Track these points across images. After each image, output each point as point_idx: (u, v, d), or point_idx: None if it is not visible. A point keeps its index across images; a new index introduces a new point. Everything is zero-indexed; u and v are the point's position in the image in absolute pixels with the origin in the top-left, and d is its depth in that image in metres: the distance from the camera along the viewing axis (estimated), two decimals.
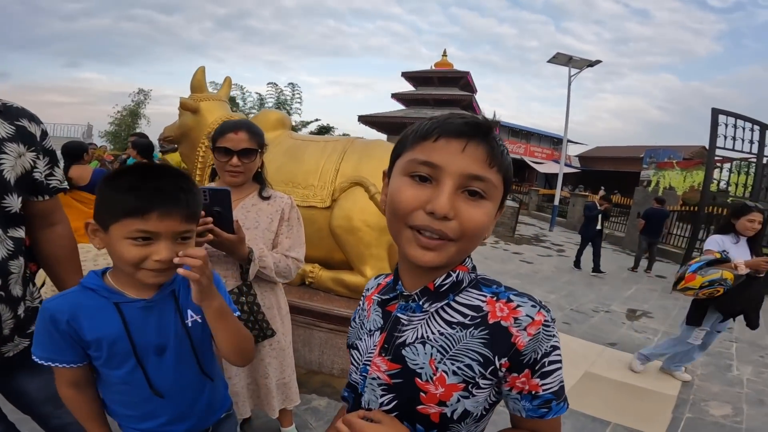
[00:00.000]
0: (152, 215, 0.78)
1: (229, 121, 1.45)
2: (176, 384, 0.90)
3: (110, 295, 0.85)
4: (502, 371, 0.59)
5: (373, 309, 0.71)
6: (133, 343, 0.85)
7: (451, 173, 0.56)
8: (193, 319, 0.92)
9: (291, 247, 1.49)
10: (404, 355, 0.63)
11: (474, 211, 0.57)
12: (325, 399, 2.29)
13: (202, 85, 2.99)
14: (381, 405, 0.65)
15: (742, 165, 6.64)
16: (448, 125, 0.58)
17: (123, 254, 0.80)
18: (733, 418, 2.53)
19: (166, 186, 0.81)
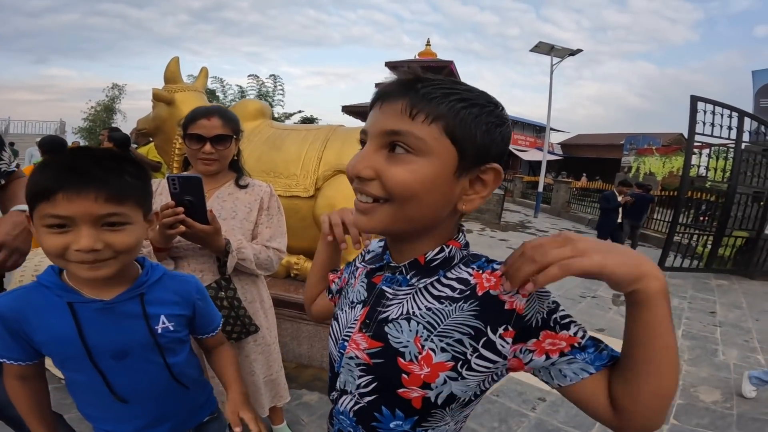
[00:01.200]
0: (58, 196, 0.67)
1: (200, 107, 1.35)
2: (142, 390, 0.83)
3: (64, 294, 0.77)
4: (505, 344, 0.53)
5: (360, 279, 0.67)
6: (87, 346, 0.76)
7: (371, 134, 0.55)
8: (164, 326, 0.83)
9: (272, 237, 1.40)
10: (387, 332, 0.58)
11: (394, 168, 0.52)
12: (317, 393, 2.23)
13: (176, 75, 2.87)
14: (358, 387, 0.60)
15: (720, 151, 6.77)
16: (376, 92, 0.57)
17: (43, 245, 0.71)
18: (724, 404, 2.56)
19: (79, 163, 0.70)
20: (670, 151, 9.10)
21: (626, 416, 0.50)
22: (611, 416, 0.52)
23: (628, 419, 0.50)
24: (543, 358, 0.52)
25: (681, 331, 3.86)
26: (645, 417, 0.50)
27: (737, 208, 6.47)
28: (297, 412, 2.05)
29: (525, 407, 2.35)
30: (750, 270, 6.56)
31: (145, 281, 0.82)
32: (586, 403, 0.53)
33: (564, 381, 0.53)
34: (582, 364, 0.52)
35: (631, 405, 0.50)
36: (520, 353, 0.53)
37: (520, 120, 30.29)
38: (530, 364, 0.54)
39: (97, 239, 0.70)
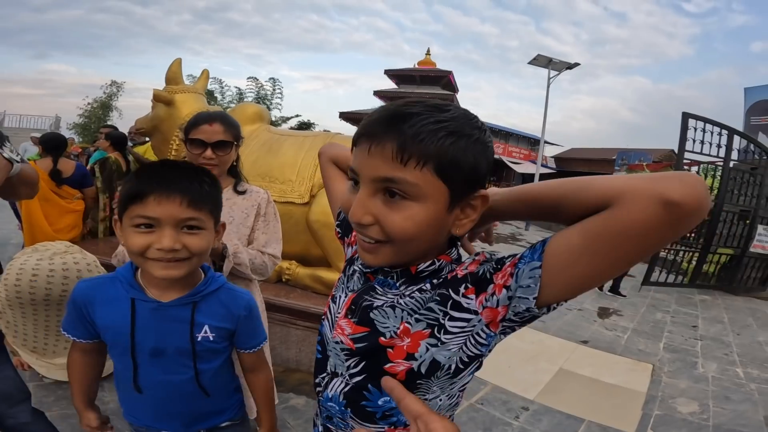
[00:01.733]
0: (149, 199, 0.77)
1: (203, 113, 1.40)
2: (162, 387, 0.90)
3: (130, 290, 0.86)
4: (469, 300, 0.55)
5: (357, 276, 0.69)
6: (133, 340, 0.85)
7: (363, 178, 0.55)
8: (205, 335, 0.90)
9: (267, 243, 1.44)
10: (373, 318, 0.61)
11: (392, 215, 0.53)
12: (303, 397, 2.26)
13: (178, 77, 2.91)
14: (348, 368, 0.64)
15: (709, 168, 6.90)
16: (363, 125, 0.55)
17: (129, 243, 0.80)
18: (700, 415, 2.62)
19: (167, 173, 0.81)
20: (660, 167, 9.26)
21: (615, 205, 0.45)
22: (606, 214, 0.45)
23: (619, 201, 0.44)
24: (503, 292, 0.52)
25: (662, 344, 3.95)
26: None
27: (723, 225, 6.60)
28: (283, 415, 2.08)
29: (509, 416, 2.40)
30: (733, 286, 6.68)
31: (201, 290, 0.90)
32: (578, 256, 0.47)
33: (533, 290, 0.50)
34: (527, 267, 0.50)
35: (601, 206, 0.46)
36: (487, 302, 0.54)
37: (515, 132, 30.58)
38: (500, 304, 0.53)
39: (177, 240, 0.79)
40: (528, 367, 3.06)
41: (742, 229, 6.72)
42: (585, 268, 0.47)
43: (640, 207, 0.42)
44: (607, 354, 3.53)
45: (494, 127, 29.08)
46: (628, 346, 3.77)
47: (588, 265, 0.47)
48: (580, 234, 0.47)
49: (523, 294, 0.50)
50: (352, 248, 0.75)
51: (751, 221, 6.60)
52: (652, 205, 0.42)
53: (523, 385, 2.77)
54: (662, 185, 0.42)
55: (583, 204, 0.47)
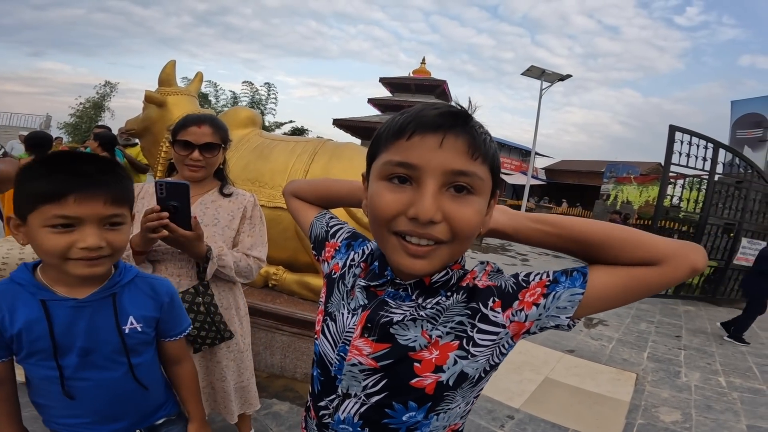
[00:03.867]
0: (69, 199, 0.73)
1: (192, 114, 1.41)
2: (97, 388, 0.85)
3: (37, 292, 0.80)
4: (497, 313, 0.58)
5: (358, 291, 0.65)
6: (54, 342, 0.79)
7: (432, 172, 0.52)
8: (132, 327, 0.87)
9: (253, 246, 1.44)
10: (393, 333, 0.60)
11: (464, 209, 0.53)
12: (287, 403, 2.24)
13: (171, 78, 2.90)
14: (365, 388, 0.62)
15: (694, 181, 7.03)
16: (422, 118, 0.53)
17: (44, 245, 0.75)
18: (683, 424, 2.65)
19: (83, 168, 0.76)
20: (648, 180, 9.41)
21: (662, 264, 0.54)
22: (655, 270, 0.54)
23: (663, 264, 0.54)
24: (533, 309, 0.57)
25: (646, 354, 3.99)
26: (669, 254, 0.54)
27: (708, 238, 6.72)
28: (266, 421, 2.06)
29: (494, 425, 2.40)
30: (717, 297, 6.79)
31: (117, 281, 0.86)
32: (622, 293, 0.56)
33: (569, 311, 0.56)
34: (566, 292, 0.56)
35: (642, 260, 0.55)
36: (514, 316, 0.58)
37: (507, 143, 30.86)
38: (529, 319, 0.57)
39: (101, 237, 0.76)
40: (514, 377, 3.07)
41: (726, 242, 6.84)
42: (618, 302, 0.57)
43: (680, 270, 0.54)
44: (592, 363, 3.56)
45: None
46: (612, 356, 3.81)
47: (621, 300, 0.57)
48: (629, 279, 0.55)
49: (558, 313, 0.57)
50: (328, 264, 0.76)
51: (735, 234, 6.72)
52: (687, 270, 0.54)
53: (508, 394, 2.78)
54: (693, 257, 0.54)
55: (631, 256, 0.55)
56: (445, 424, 0.63)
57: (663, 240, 0.55)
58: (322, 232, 0.79)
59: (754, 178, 6.88)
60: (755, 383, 3.52)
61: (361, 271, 0.68)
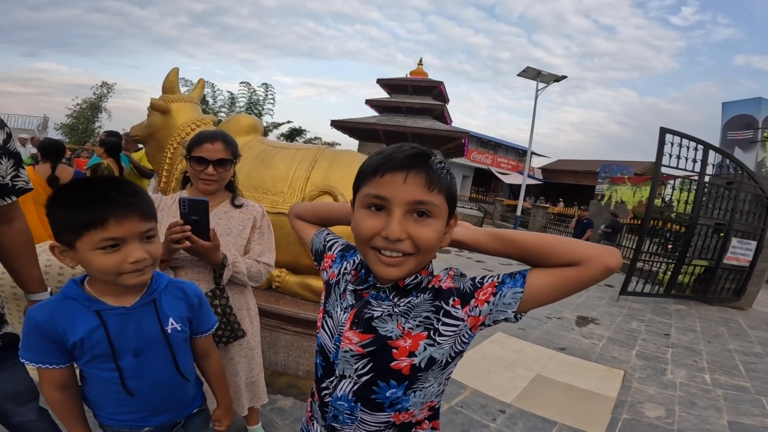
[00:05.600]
0: (110, 222, 0.83)
1: (205, 131, 1.52)
2: (150, 384, 0.97)
3: (90, 304, 0.91)
4: (457, 309, 0.73)
5: (348, 293, 0.82)
6: (112, 346, 0.91)
7: (398, 202, 0.68)
8: (173, 327, 0.99)
9: (262, 253, 1.57)
10: (375, 326, 0.76)
11: (423, 230, 0.70)
12: (291, 399, 2.36)
13: (175, 86, 2.99)
14: (356, 370, 0.78)
15: (685, 182, 7.15)
16: (391, 161, 0.69)
17: (98, 265, 0.86)
18: (666, 420, 2.75)
19: (110, 193, 0.86)
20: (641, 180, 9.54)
21: (580, 264, 0.68)
22: (577, 270, 0.68)
23: (582, 265, 0.68)
24: (485, 305, 0.71)
25: (635, 352, 4.12)
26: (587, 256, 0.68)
27: (698, 238, 6.85)
28: (271, 416, 2.17)
29: (486, 419, 2.52)
30: (708, 296, 6.94)
31: (156, 288, 0.99)
32: (553, 291, 0.70)
33: (513, 307, 0.70)
34: (509, 291, 0.70)
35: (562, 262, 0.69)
36: (471, 311, 0.72)
37: (504, 143, 30.98)
38: (482, 313, 0.72)
39: (144, 251, 0.89)
40: (506, 373, 3.19)
41: (716, 241, 6.98)
42: (552, 297, 0.71)
43: (597, 270, 0.67)
44: (582, 361, 3.68)
45: (484, 138, 29.46)
46: (602, 354, 3.93)
47: (554, 296, 0.71)
48: (557, 278, 0.69)
49: (504, 309, 0.71)
50: (327, 272, 0.91)
51: (726, 234, 6.86)
52: (602, 269, 0.67)
53: (500, 390, 2.90)
54: (608, 258, 0.67)
55: (559, 259, 0.69)
56: (423, 401, 0.78)
57: (584, 245, 0.69)
58: (320, 246, 0.96)
59: (744, 179, 7.01)
60: (740, 381, 3.60)
61: (352, 277, 0.84)
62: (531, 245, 0.72)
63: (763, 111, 9.30)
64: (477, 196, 25.35)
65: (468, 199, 23.79)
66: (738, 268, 6.95)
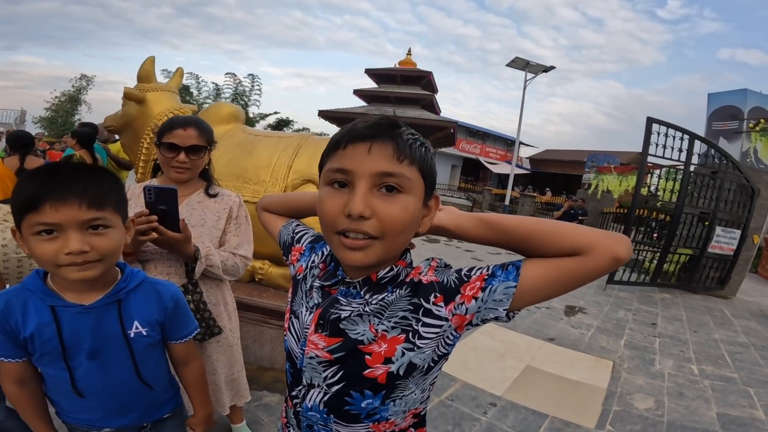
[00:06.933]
0: (45, 206, 0.75)
1: (177, 116, 1.42)
2: (104, 386, 0.90)
3: (46, 298, 0.84)
4: (439, 307, 0.64)
5: (315, 290, 0.73)
6: (63, 345, 0.84)
7: (362, 174, 0.60)
8: (137, 331, 0.91)
9: (239, 245, 1.48)
10: (343, 328, 0.66)
11: (390, 206, 0.60)
12: (277, 395, 2.28)
13: (150, 74, 2.86)
14: (325, 379, 0.68)
15: (670, 171, 7.21)
16: (354, 131, 0.62)
17: (35, 252, 0.78)
18: (655, 411, 2.75)
19: (59, 175, 0.78)
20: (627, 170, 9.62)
21: (583, 254, 0.58)
22: (579, 261, 0.59)
23: (586, 254, 0.58)
24: (473, 302, 0.62)
25: (623, 341, 4.13)
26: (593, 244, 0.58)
27: (683, 227, 6.93)
28: (257, 412, 2.10)
29: (477, 411, 2.49)
30: (692, 285, 7.04)
31: (123, 287, 0.90)
32: (552, 284, 0.60)
33: (505, 304, 0.61)
34: (501, 285, 0.60)
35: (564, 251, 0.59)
36: (456, 309, 0.63)
37: (493, 133, 31.08)
38: (469, 312, 0.62)
39: (84, 242, 0.78)
40: (496, 365, 3.17)
41: (701, 230, 7.07)
42: (550, 293, 0.61)
43: (603, 260, 0.58)
44: (571, 351, 3.67)
45: (472, 128, 29.50)
46: (591, 344, 3.93)
47: (553, 291, 0.61)
48: (556, 270, 0.60)
49: (495, 306, 0.61)
50: (294, 267, 0.82)
51: (710, 223, 6.95)
52: (610, 259, 0.58)
53: (491, 382, 2.87)
54: (615, 246, 0.58)
55: (557, 247, 0.60)
56: (405, 409, 0.69)
57: (587, 230, 0.60)
58: (288, 239, 0.87)
59: (728, 169, 7.09)
60: (727, 371, 3.62)
61: (320, 271, 0.75)
62: (525, 232, 0.62)
63: (749, 102, 9.44)
64: (466, 186, 25.45)
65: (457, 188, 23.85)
66: (722, 256, 7.05)
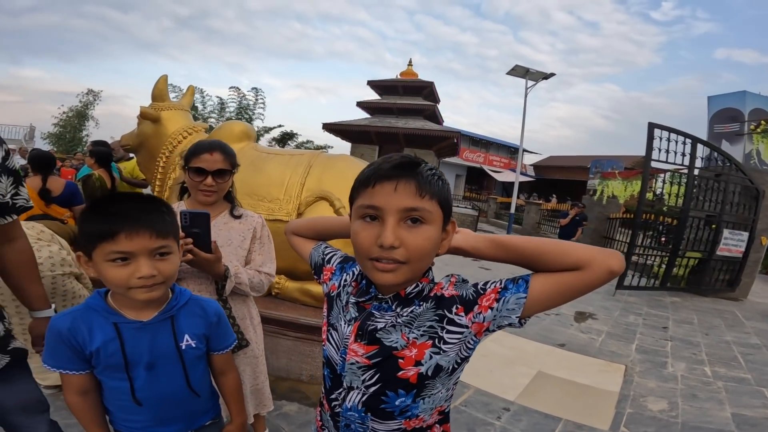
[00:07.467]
0: (120, 236, 0.86)
1: (203, 142, 1.50)
2: (159, 396, 0.99)
3: (109, 316, 0.94)
4: (461, 317, 0.74)
5: (351, 305, 0.83)
6: (125, 357, 0.93)
7: (390, 211, 0.70)
8: (187, 343, 1.01)
9: (263, 263, 1.56)
10: (379, 337, 0.77)
11: (415, 236, 0.71)
12: (296, 404, 2.35)
13: (164, 93, 2.96)
14: (363, 381, 0.78)
15: (674, 176, 7.24)
16: (381, 171, 0.71)
17: (108, 277, 0.89)
18: (669, 413, 2.77)
19: (129, 208, 0.89)
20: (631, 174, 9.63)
21: (582, 269, 0.68)
22: (579, 275, 0.68)
23: (585, 269, 0.68)
24: (489, 311, 0.72)
25: (634, 346, 4.15)
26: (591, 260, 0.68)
27: (690, 230, 6.93)
28: (277, 421, 2.17)
29: (491, 417, 2.53)
30: (702, 288, 7.02)
31: (175, 305, 1.00)
32: (556, 295, 0.70)
33: (517, 312, 0.71)
34: (512, 296, 0.71)
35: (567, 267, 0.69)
36: (475, 318, 0.73)
37: (496, 141, 31.11)
38: (486, 320, 0.73)
39: (153, 267, 0.90)
40: (508, 371, 3.21)
41: (708, 233, 7.06)
42: (555, 302, 0.72)
43: (599, 273, 0.67)
44: (582, 356, 3.70)
45: (475, 137, 29.59)
46: (601, 349, 3.96)
47: (558, 300, 0.71)
48: (559, 283, 0.70)
49: (508, 314, 0.71)
50: (327, 285, 0.92)
51: (717, 226, 6.95)
52: (605, 273, 0.67)
53: (503, 388, 2.91)
54: (610, 261, 0.67)
55: (561, 263, 0.70)
56: (432, 406, 0.79)
57: (583, 249, 0.70)
58: (319, 260, 0.97)
59: (732, 171, 7.11)
60: (740, 372, 3.63)
61: (353, 289, 0.85)
62: (530, 251, 0.72)
63: (748, 104, 9.46)
64: (471, 195, 25.47)
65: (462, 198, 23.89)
66: (731, 259, 7.03)
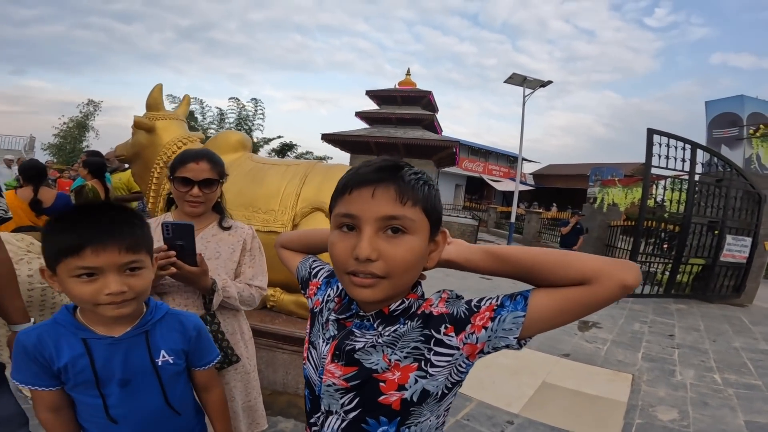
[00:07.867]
0: (86, 251, 0.80)
1: (189, 150, 1.45)
2: (136, 413, 0.93)
3: (78, 332, 0.89)
4: (450, 337, 0.66)
5: (331, 323, 0.76)
6: (96, 374, 0.88)
7: (367, 219, 0.63)
8: (164, 359, 0.95)
9: (254, 276, 1.50)
10: (358, 358, 0.69)
11: (395, 248, 0.63)
12: (292, 421, 2.27)
13: (159, 103, 2.93)
14: (342, 405, 0.70)
15: (675, 182, 7.20)
16: (357, 176, 0.65)
17: (74, 293, 0.83)
18: (680, 422, 2.70)
19: (98, 220, 0.83)
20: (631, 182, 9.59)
21: (591, 282, 0.59)
22: (586, 290, 0.59)
23: (592, 283, 0.59)
24: (483, 332, 0.64)
25: (641, 354, 4.07)
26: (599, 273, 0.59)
27: (693, 237, 6.87)
28: None
29: (495, 430, 2.45)
30: (708, 294, 6.92)
31: (149, 319, 0.95)
32: (560, 313, 0.62)
33: (515, 332, 0.62)
34: (509, 315, 0.62)
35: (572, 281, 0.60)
36: (467, 339, 0.65)
37: (495, 150, 31.19)
38: (479, 341, 0.64)
39: (122, 283, 0.84)
40: (511, 382, 3.12)
41: (711, 239, 7.00)
42: (559, 321, 0.63)
43: (610, 288, 0.59)
44: (588, 366, 3.62)
45: (474, 146, 29.66)
46: (607, 358, 3.87)
47: (562, 319, 0.63)
48: (563, 300, 0.61)
49: (505, 334, 0.63)
50: (311, 300, 0.86)
51: (720, 232, 6.88)
52: (617, 287, 0.58)
53: (507, 400, 2.83)
54: (622, 274, 0.58)
55: (564, 277, 0.61)
56: None
57: (592, 259, 0.61)
58: (306, 274, 0.92)
59: (733, 176, 7.07)
60: (750, 379, 3.56)
61: (335, 305, 0.79)
62: (531, 263, 0.64)
63: (747, 108, 9.45)
64: (470, 205, 25.43)
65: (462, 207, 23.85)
66: (735, 265, 6.95)
